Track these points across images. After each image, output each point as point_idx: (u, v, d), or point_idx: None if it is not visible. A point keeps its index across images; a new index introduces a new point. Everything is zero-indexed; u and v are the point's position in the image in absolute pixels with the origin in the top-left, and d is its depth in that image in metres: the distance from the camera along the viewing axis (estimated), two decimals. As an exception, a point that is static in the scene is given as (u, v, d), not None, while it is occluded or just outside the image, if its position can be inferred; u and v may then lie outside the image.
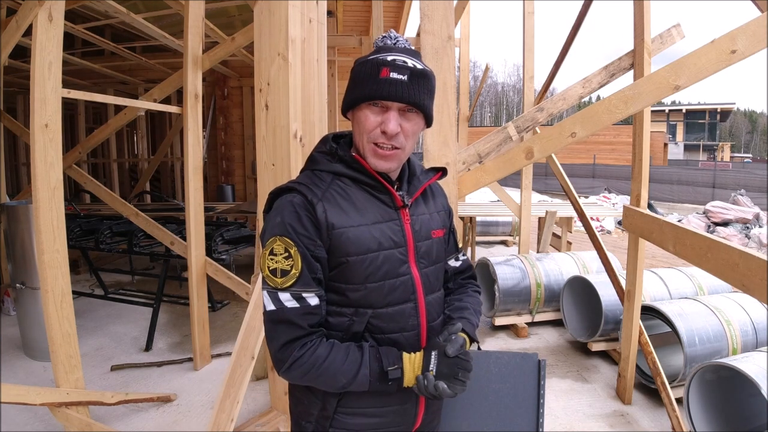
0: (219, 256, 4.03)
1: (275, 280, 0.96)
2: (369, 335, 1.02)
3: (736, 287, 1.76)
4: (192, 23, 3.05)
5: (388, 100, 0.97)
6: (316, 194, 0.99)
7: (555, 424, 2.69)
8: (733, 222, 8.86)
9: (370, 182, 1.04)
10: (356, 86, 1.01)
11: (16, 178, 8.97)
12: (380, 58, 0.99)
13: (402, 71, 0.97)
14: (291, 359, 0.95)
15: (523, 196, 4.93)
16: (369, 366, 0.97)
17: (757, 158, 40.88)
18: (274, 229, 0.98)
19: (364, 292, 1.00)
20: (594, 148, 21.79)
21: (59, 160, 2.19)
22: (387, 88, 0.97)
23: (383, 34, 1.06)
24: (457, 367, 0.98)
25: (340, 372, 0.96)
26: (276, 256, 0.96)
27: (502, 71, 74.64)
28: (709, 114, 34.92)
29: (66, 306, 2.26)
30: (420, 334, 1.06)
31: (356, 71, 1.02)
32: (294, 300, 0.96)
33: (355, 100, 1.01)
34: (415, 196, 1.09)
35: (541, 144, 2.28)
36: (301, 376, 0.97)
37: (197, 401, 2.90)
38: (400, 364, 0.98)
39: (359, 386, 0.97)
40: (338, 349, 0.97)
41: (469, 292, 1.23)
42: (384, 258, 1.01)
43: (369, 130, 1.00)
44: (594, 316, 3.61)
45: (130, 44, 6.29)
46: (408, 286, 1.04)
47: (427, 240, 1.09)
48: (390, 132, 0.98)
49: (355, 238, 0.98)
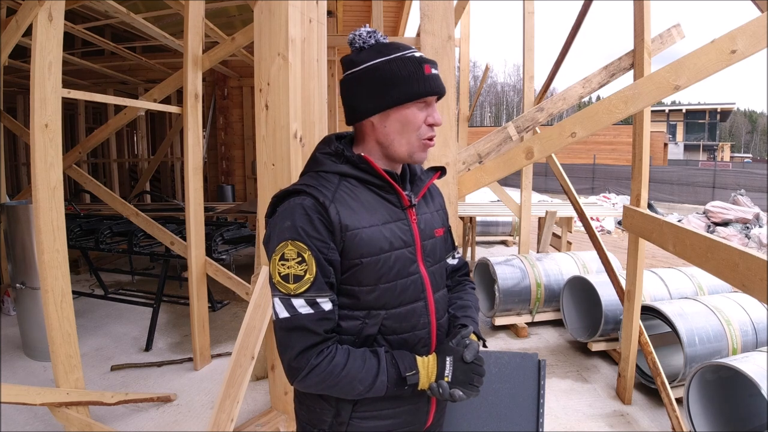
0: (219, 256, 4.02)
1: (288, 286, 0.93)
2: (381, 337, 1.01)
3: (736, 287, 1.76)
4: (192, 23, 3.05)
5: (438, 95, 1.02)
6: (327, 196, 0.96)
7: (555, 424, 2.69)
8: (733, 222, 8.86)
9: (378, 182, 1.03)
10: (397, 85, 0.98)
11: (16, 178, 8.97)
12: (417, 56, 1.00)
13: (435, 66, 1.01)
14: (308, 367, 0.92)
15: (523, 196, 4.93)
16: (387, 372, 0.96)
17: (757, 158, 40.90)
18: (284, 234, 0.94)
19: (377, 293, 1.00)
20: (594, 148, 21.80)
21: (59, 160, 2.19)
22: (435, 84, 1.00)
23: (358, 31, 1.04)
24: (473, 373, 0.98)
25: (358, 379, 0.94)
26: (288, 261, 0.93)
27: (502, 71, 74.69)
28: (709, 114, 34.92)
29: (66, 306, 2.26)
30: (431, 332, 1.07)
31: (387, 71, 0.98)
32: (308, 306, 0.94)
33: (400, 100, 0.99)
34: (420, 195, 1.09)
35: (541, 144, 2.28)
36: (318, 385, 0.95)
37: (197, 401, 2.90)
38: (416, 368, 0.98)
39: (376, 392, 0.96)
40: (355, 356, 0.95)
41: (467, 289, 1.25)
42: (396, 258, 1.01)
43: (419, 127, 1.02)
44: (594, 316, 3.61)
45: (130, 44, 6.30)
46: (418, 285, 1.05)
47: (431, 239, 1.10)
48: (440, 122, 1.04)
49: (369, 239, 0.97)
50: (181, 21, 3.56)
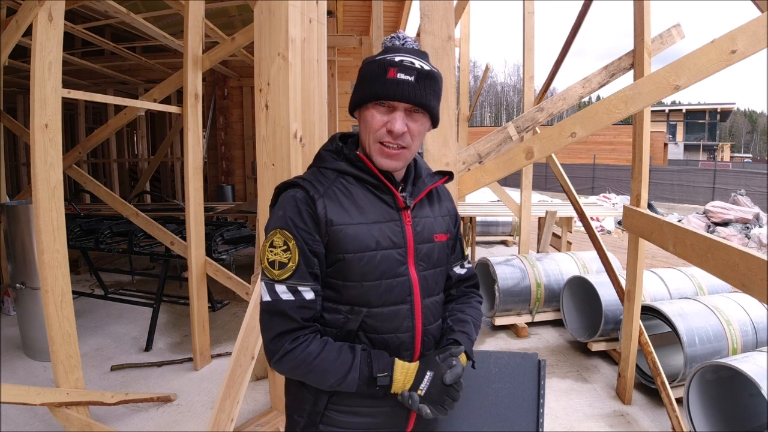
0: (219, 256, 4.02)
1: (273, 271, 0.98)
2: (363, 334, 1.03)
3: (736, 287, 1.76)
4: (192, 23, 3.05)
5: (394, 100, 0.99)
6: (318, 190, 1.01)
7: (555, 424, 2.69)
8: (733, 222, 8.86)
9: (373, 182, 1.05)
10: (363, 86, 1.02)
11: (16, 178, 8.98)
12: (387, 59, 1.00)
13: (409, 72, 0.98)
14: (282, 351, 0.97)
15: (523, 196, 4.93)
16: (359, 369, 0.97)
17: (757, 158, 40.90)
18: (276, 222, 1.00)
19: (360, 290, 1.01)
20: (594, 148, 21.79)
21: (59, 160, 2.19)
22: (393, 89, 0.98)
23: (392, 34, 1.07)
24: (447, 395, 0.98)
25: (330, 371, 0.97)
26: (275, 249, 0.99)
27: (502, 71, 74.65)
28: (709, 114, 34.92)
29: (66, 306, 2.26)
30: (415, 336, 1.06)
31: (364, 71, 1.03)
32: (289, 293, 0.98)
33: (362, 100, 1.02)
34: (418, 198, 1.09)
35: (541, 144, 2.28)
36: (291, 370, 0.99)
37: (197, 401, 2.90)
38: (390, 371, 0.99)
39: (347, 387, 0.98)
40: (331, 348, 0.98)
41: (473, 303, 1.22)
42: (382, 257, 1.02)
43: (375, 130, 1.01)
44: (594, 316, 3.61)
45: (130, 44, 6.30)
46: (405, 288, 1.04)
47: (428, 243, 1.09)
48: (396, 131, 0.99)
49: (354, 236, 1.00)
50: (181, 21, 3.56)
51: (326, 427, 1.05)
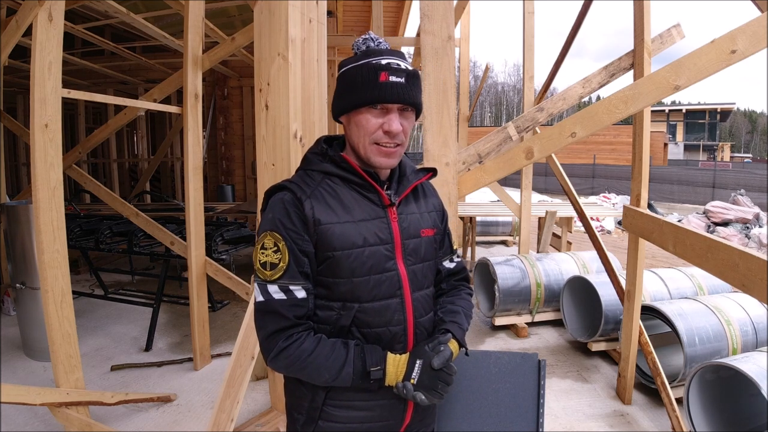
0: (219, 256, 4.02)
1: (265, 272, 1.02)
2: (356, 329, 1.06)
3: (736, 287, 1.76)
4: (192, 23, 3.05)
5: (391, 102, 1.02)
6: (305, 192, 1.04)
7: (555, 424, 2.69)
8: (733, 222, 8.85)
9: (358, 181, 1.08)
10: (354, 91, 1.04)
11: (16, 178, 8.98)
12: (376, 63, 1.02)
13: (399, 74, 1.02)
14: (276, 349, 1.00)
15: (523, 196, 4.93)
16: (353, 364, 1.00)
17: (757, 158, 40.90)
18: (266, 225, 1.04)
19: (350, 286, 1.04)
20: (594, 148, 21.79)
21: (59, 160, 2.19)
22: (389, 91, 1.01)
23: (364, 36, 1.09)
24: (439, 380, 1.01)
25: (324, 367, 1.00)
26: (266, 250, 1.02)
27: (502, 71, 74.63)
28: (709, 114, 34.93)
29: (66, 306, 2.26)
30: (406, 329, 1.09)
31: (350, 76, 1.05)
32: (281, 292, 1.01)
33: (355, 104, 1.04)
34: (402, 195, 1.12)
35: (541, 144, 2.28)
36: (287, 367, 1.02)
37: (197, 401, 2.90)
38: (383, 365, 1.02)
39: (342, 382, 1.01)
40: (324, 344, 1.01)
41: (462, 294, 1.25)
42: (369, 253, 1.05)
43: (371, 132, 1.04)
44: (594, 316, 3.61)
45: (130, 44, 6.30)
46: (394, 282, 1.07)
47: (415, 238, 1.12)
48: (394, 131, 1.03)
49: (341, 234, 1.03)
50: (181, 21, 3.56)
51: (325, 423, 1.07)
